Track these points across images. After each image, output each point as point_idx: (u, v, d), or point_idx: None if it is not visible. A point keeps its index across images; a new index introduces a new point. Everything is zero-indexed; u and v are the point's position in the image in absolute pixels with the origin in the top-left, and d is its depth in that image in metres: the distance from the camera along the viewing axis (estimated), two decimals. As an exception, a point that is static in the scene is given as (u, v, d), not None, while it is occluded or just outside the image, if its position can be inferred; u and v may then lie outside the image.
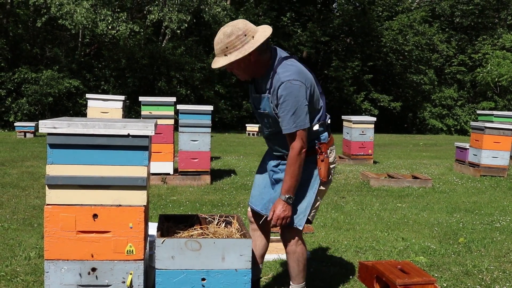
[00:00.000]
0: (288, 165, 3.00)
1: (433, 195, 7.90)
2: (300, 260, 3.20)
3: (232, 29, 2.89)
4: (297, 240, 3.19)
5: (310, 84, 3.01)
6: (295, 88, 2.92)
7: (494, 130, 9.68)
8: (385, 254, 4.73)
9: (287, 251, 3.21)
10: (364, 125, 11.17)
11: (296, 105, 2.92)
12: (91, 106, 9.92)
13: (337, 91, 28.40)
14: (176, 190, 7.61)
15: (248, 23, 2.95)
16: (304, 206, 3.14)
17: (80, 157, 2.78)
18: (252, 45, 2.89)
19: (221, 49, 2.91)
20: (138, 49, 23.62)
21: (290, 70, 2.96)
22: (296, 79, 2.93)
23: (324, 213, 6.43)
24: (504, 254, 4.84)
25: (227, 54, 2.90)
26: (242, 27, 2.90)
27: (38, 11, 21.21)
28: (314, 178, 3.15)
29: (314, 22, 28.67)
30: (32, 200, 6.62)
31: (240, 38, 2.88)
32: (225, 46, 2.89)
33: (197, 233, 3.07)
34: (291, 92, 2.91)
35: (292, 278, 3.26)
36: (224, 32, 2.89)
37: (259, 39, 2.91)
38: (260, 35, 2.93)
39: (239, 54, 2.88)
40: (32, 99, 20.26)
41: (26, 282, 3.72)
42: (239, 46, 2.89)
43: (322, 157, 3.13)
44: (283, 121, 2.96)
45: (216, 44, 2.92)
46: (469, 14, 32.94)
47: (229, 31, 2.88)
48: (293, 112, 2.92)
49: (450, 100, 31.39)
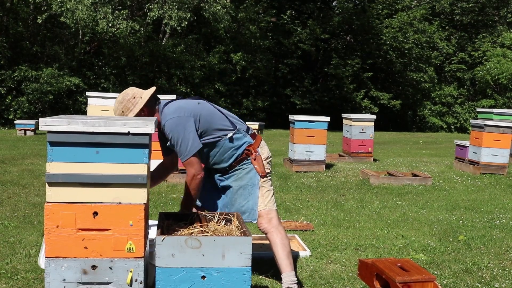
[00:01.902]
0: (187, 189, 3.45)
1: (432, 193, 7.90)
2: (284, 244, 3.54)
3: (123, 96, 3.43)
4: (275, 226, 3.56)
5: (191, 113, 3.40)
6: (173, 123, 3.35)
7: (494, 128, 9.68)
8: (385, 252, 4.74)
9: (269, 238, 3.57)
10: (364, 123, 11.17)
11: (179, 137, 3.34)
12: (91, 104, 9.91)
13: (337, 89, 28.38)
14: (176, 188, 7.62)
15: (135, 88, 3.49)
16: (252, 203, 3.57)
17: (81, 155, 2.79)
18: (141, 103, 3.39)
19: (119, 114, 3.41)
20: (138, 47, 23.61)
21: (168, 111, 3.41)
22: (173, 116, 3.36)
23: (324, 211, 6.44)
24: (504, 252, 4.85)
25: (127, 115, 3.38)
26: (131, 92, 3.43)
27: (39, 8, 21.20)
28: (253, 176, 3.59)
29: (314, 20, 28.64)
30: (33, 198, 6.62)
31: (131, 101, 3.40)
32: (121, 110, 3.41)
33: (197, 231, 3.08)
34: (172, 128, 3.35)
35: (281, 267, 3.52)
36: (117, 101, 3.43)
37: (145, 97, 3.41)
38: (146, 94, 3.44)
39: (134, 113, 3.38)
40: (32, 97, 20.26)
41: (27, 279, 3.72)
42: (132, 107, 3.39)
43: (254, 156, 3.59)
44: (178, 153, 3.42)
45: (114, 112, 3.44)
46: (469, 11, 32.90)
47: (120, 98, 3.43)
48: (180, 143, 3.35)
49: (450, 98, 31.37)
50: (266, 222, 3.54)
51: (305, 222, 5.68)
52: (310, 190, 7.88)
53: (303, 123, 9.56)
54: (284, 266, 3.51)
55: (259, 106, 26.66)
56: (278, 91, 28.20)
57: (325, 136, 9.70)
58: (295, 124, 9.57)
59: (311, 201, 7.00)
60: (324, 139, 9.64)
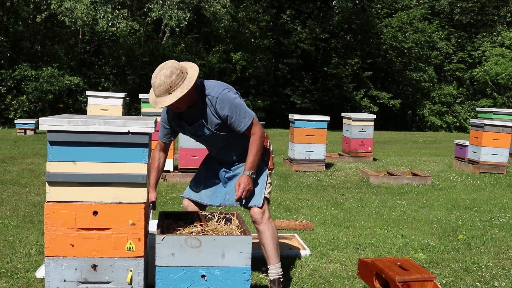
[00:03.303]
0: (251, 147, 3.44)
1: (432, 192, 7.91)
2: (274, 236, 3.58)
3: (171, 69, 3.17)
4: (267, 218, 3.56)
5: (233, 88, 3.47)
6: (230, 95, 3.37)
7: (493, 127, 9.69)
8: (384, 251, 4.74)
9: (261, 229, 3.55)
10: (363, 122, 11.17)
11: (238, 106, 3.36)
12: (91, 103, 9.93)
13: (337, 88, 28.36)
14: (176, 188, 7.62)
15: (177, 62, 3.28)
16: (259, 188, 3.55)
17: (81, 154, 2.79)
18: (191, 79, 3.21)
19: (165, 89, 3.16)
20: (138, 46, 23.60)
21: (214, 85, 3.39)
22: (225, 88, 3.38)
23: (323, 210, 6.45)
24: (503, 251, 4.85)
25: (171, 92, 3.17)
26: (177, 66, 3.20)
27: (38, 8, 21.19)
28: (262, 164, 3.59)
29: (313, 20, 28.63)
30: (33, 197, 6.63)
31: (180, 75, 3.18)
32: (169, 85, 3.16)
33: (197, 230, 3.08)
34: (229, 100, 3.34)
35: (270, 259, 3.56)
36: (164, 74, 3.16)
37: (194, 73, 3.25)
38: (193, 70, 3.28)
39: (184, 90, 3.17)
40: (32, 97, 20.26)
41: (27, 279, 3.73)
42: (181, 83, 3.18)
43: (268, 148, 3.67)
44: (237, 123, 3.38)
45: (158, 86, 3.16)
46: (468, 11, 32.89)
47: (168, 72, 3.16)
48: (239, 112, 3.36)
49: (449, 97, 31.35)
50: (261, 213, 3.54)
51: (304, 222, 5.68)
52: (309, 189, 7.89)
53: (303, 122, 9.57)
54: (274, 258, 3.56)
55: (259, 106, 26.65)
56: (278, 91, 28.18)
57: (325, 136, 9.71)
58: (295, 123, 9.58)
59: (310, 201, 7.01)
60: (324, 139, 9.64)
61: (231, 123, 3.37)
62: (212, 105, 3.35)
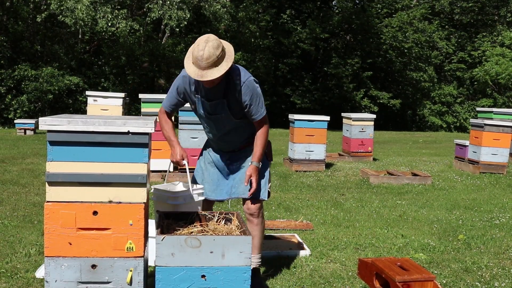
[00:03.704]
0: (260, 140, 3.51)
1: (432, 192, 7.91)
2: (263, 230, 3.74)
3: (217, 42, 3.17)
4: (262, 212, 3.70)
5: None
6: (253, 83, 3.43)
7: (493, 127, 9.69)
8: (384, 251, 4.74)
9: (256, 222, 3.64)
10: (363, 122, 11.17)
11: (259, 95, 3.45)
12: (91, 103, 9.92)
13: (337, 88, 28.35)
14: (176, 187, 7.61)
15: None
16: (264, 182, 3.63)
17: (80, 154, 2.79)
18: (231, 53, 3.25)
19: (213, 61, 3.14)
20: (138, 46, 23.60)
21: (240, 70, 3.40)
22: (249, 75, 3.43)
23: (323, 210, 6.44)
24: (504, 251, 4.85)
25: (218, 65, 3.16)
26: (218, 39, 3.21)
27: (38, 8, 21.18)
28: (265, 157, 3.66)
29: (313, 19, 28.63)
30: (32, 197, 6.62)
31: (223, 49, 3.21)
32: (217, 58, 3.15)
33: (197, 230, 3.08)
34: (253, 87, 3.41)
35: (255, 249, 3.65)
36: (212, 46, 3.14)
37: (231, 48, 3.29)
38: (228, 45, 3.31)
39: (229, 63, 3.21)
40: (32, 96, 20.26)
41: (27, 279, 3.73)
42: (225, 56, 3.22)
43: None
44: (254, 111, 3.45)
45: (207, 58, 3.12)
46: (468, 11, 32.89)
47: (215, 44, 3.15)
48: (259, 101, 3.45)
49: (449, 97, 31.36)
50: (259, 207, 3.63)
51: (304, 222, 5.68)
52: (309, 189, 7.89)
53: (303, 122, 9.57)
54: (258, 248, 3.70)
55: (259, 106, 26.63)
56: (277, 91, 28.17)
57: (325, 136, 9.71)
58: (295, 123, 9.58)
59: (310, 201, 7.01)
60: (324, 139, 9.64)
61: (249, 110, 3.42)
62: (236, 88, 3.36)
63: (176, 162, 3.43)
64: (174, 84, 3.51)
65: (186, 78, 3.43)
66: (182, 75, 3.47)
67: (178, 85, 3.48)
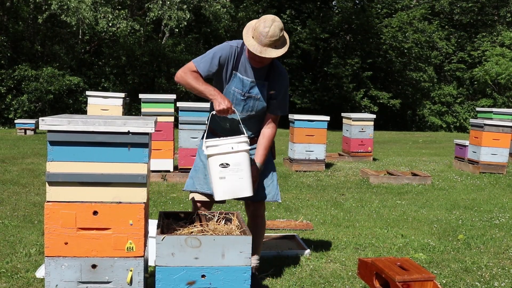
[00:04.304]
0: (268, 141, 3.46)
1: (432, 192, 7.91)
2: (264, 232, 3.77)
3: (282, 25, 3.17)
4: (265, 213, 3.71)
5: None
6: (288, 77, 3.46)
7: (493, 127, 9.69)
8: (384, 251, 4.74)
9: (260, 224, 3.65)
10: (363, 122, 11.17)
11: (287, 91, 3.45)
12: (91, 103, 9.92)
13: (337, 88, 28.36)
14: (176, 187, 7.62)
15: None
16: (276, 182, 3.62)
17: (81, 154, 2.79)
18: (288, 41, 3.26)
19: (275, 41, 3.15)
20: (138, 46, 23.60)
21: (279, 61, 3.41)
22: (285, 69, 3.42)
23: (323, 210, 6.45)
24: (503, 251, 4.86)
25: (277, 47, 3.18)
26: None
27: (39, 8, 21.18)
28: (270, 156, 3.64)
29: (313, 19, 28.63)
30: (33, 197, 6.63)
31: (284, 34, 3.22)
32: (279, 39, 3.16)
33: (197, 230, 3.08)
34: (287, 81, 3.43)
35: (257, 250, 3.65)
36: (278, 27, 3.14)
37: (287, 36, 3.29)
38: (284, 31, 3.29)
39: (286, 47, 3.23)
40: (33, 96, 20.26)
41: (27, 278, 3.73)
42: (285, 41, 3.25)
43: None
44: (282, 104, 3.43)
45: (271, 36, 3.13)
46: (468, 11, 32.89)
47: (281, 26, 3.16)
48: (287, 96, 3.47)
49: (449, 97, 31.36)
50: (264, 208, 3.67)
51: (304, 222, 5.68)
52: (309, 189, 7.89)
53: (302, 122, 9.57)
54: (259, 249, 3.72)
55: (259, 106, 26.65)
56: (277, 91, 28.19)
57: (325, 136, 9.71)
58: (294, 123, 9.58)
59: (310, 201, 7.01)
60: (323, 139, 9.64)
61: (278, 100, 3.41)
62: (276, 74, 3.37)
63: (225, 109, 3.19)
64: (217, 52, 3.31)
65: (233, 48, 3.33)
66: (229, 45, 3.35)
67: (222, 54, 3.31)
